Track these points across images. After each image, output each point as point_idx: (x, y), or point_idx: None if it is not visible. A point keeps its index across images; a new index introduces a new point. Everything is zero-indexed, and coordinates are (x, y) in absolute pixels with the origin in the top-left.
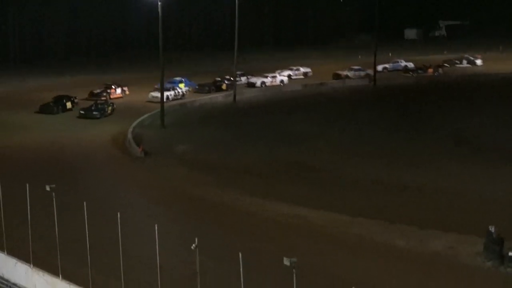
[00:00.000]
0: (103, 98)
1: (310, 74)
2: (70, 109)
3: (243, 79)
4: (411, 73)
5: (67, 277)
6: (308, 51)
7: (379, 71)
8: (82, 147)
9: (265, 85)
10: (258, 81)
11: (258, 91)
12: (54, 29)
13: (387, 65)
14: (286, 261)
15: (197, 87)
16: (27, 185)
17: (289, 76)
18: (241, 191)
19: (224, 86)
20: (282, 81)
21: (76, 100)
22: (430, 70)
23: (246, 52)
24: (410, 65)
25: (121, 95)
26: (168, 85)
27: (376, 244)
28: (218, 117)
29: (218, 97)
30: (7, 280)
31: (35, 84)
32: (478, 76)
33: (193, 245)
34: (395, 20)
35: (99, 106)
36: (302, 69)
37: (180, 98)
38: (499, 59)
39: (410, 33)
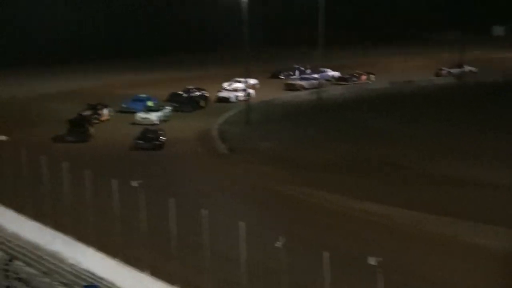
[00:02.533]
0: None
1: (258, 86)
2: None
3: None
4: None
5: (154, 272)
6: (392, 48)
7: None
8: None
9: (239, 100)
10: (231, 95)
11: (342, 88)
12: (132, 25)
13: (316, 75)
14: (371, 261)
15: (175, 105)
16: (116, 181)
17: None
18: (325, 189)
19: (202, 103)
20: (249, 94)
21: None
22: (364, 78)
23: (331, 48)
24: (337, 74)
25: (108, 117)
26: (137, 105)
27: (462, 244)
28: (303, 114)
29: (301, 95)
30: (94, 274)
31: (112, 81)
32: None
33: (278, 242)
34: (483, 16)
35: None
36: (252, 81)
37: (167, 120)
38: None
39: (498, 30)
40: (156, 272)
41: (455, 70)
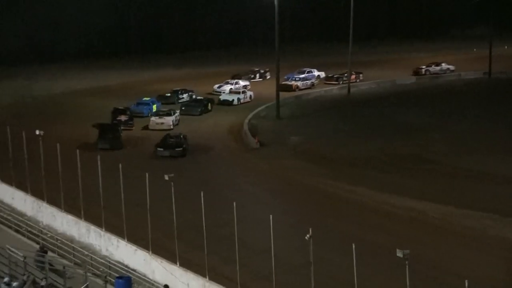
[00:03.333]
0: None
1: (249, 87)
2: None
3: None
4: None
5: (183, 264)
6: (420, 43)
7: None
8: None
9: (240, 102)
10: (234, 97)
11: (371, 83)
12: (172, 22)
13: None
14: (399, 253)
15: (183, 108)
16: (147, 174)
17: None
18: (355, 183)
19: (209, 107)
20: (250, 96)
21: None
22: (353, 77)
23: (361, 44)
24: (322, 74)
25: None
26: (142, 108)
27: (490, 238)
28: (333, 109)
29: (332, 90)
30: (126, 266)
31: (153, 76)
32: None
33: (307, 235)
34: None
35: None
36: (242, 82)
37: (177, 124)
38: None
39: None
40: (186, 264)
41: (433, 69)
